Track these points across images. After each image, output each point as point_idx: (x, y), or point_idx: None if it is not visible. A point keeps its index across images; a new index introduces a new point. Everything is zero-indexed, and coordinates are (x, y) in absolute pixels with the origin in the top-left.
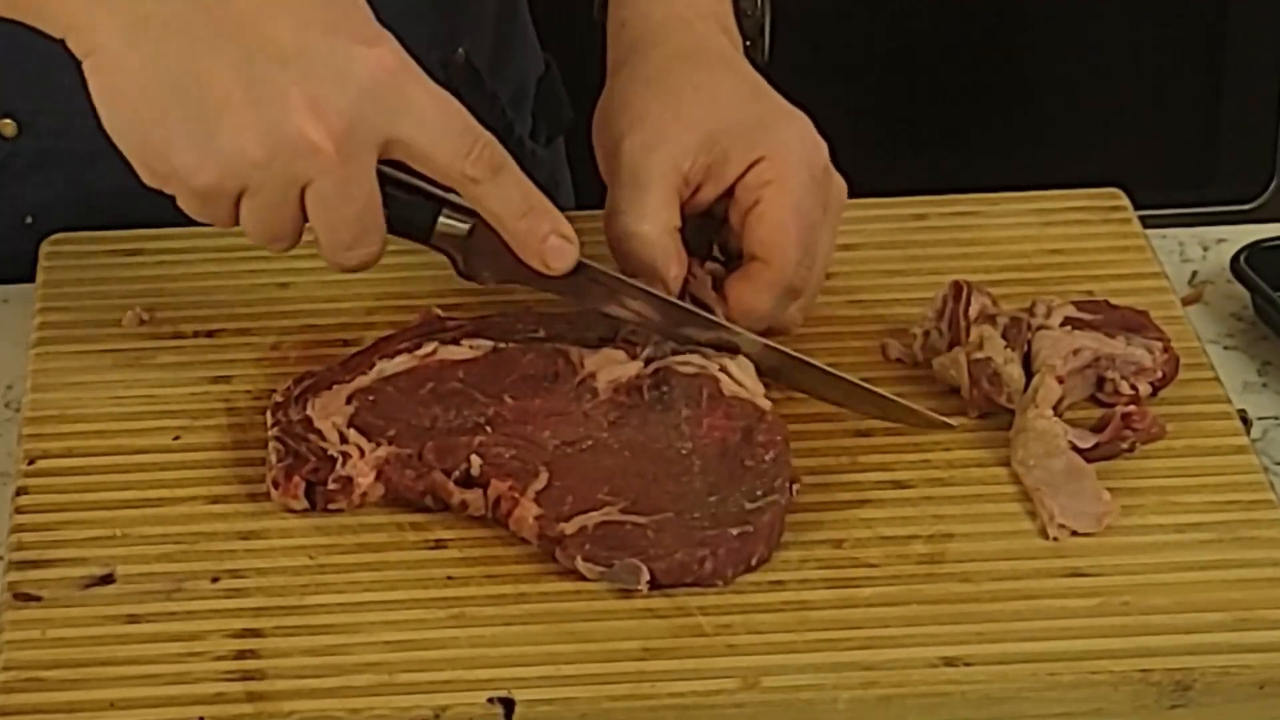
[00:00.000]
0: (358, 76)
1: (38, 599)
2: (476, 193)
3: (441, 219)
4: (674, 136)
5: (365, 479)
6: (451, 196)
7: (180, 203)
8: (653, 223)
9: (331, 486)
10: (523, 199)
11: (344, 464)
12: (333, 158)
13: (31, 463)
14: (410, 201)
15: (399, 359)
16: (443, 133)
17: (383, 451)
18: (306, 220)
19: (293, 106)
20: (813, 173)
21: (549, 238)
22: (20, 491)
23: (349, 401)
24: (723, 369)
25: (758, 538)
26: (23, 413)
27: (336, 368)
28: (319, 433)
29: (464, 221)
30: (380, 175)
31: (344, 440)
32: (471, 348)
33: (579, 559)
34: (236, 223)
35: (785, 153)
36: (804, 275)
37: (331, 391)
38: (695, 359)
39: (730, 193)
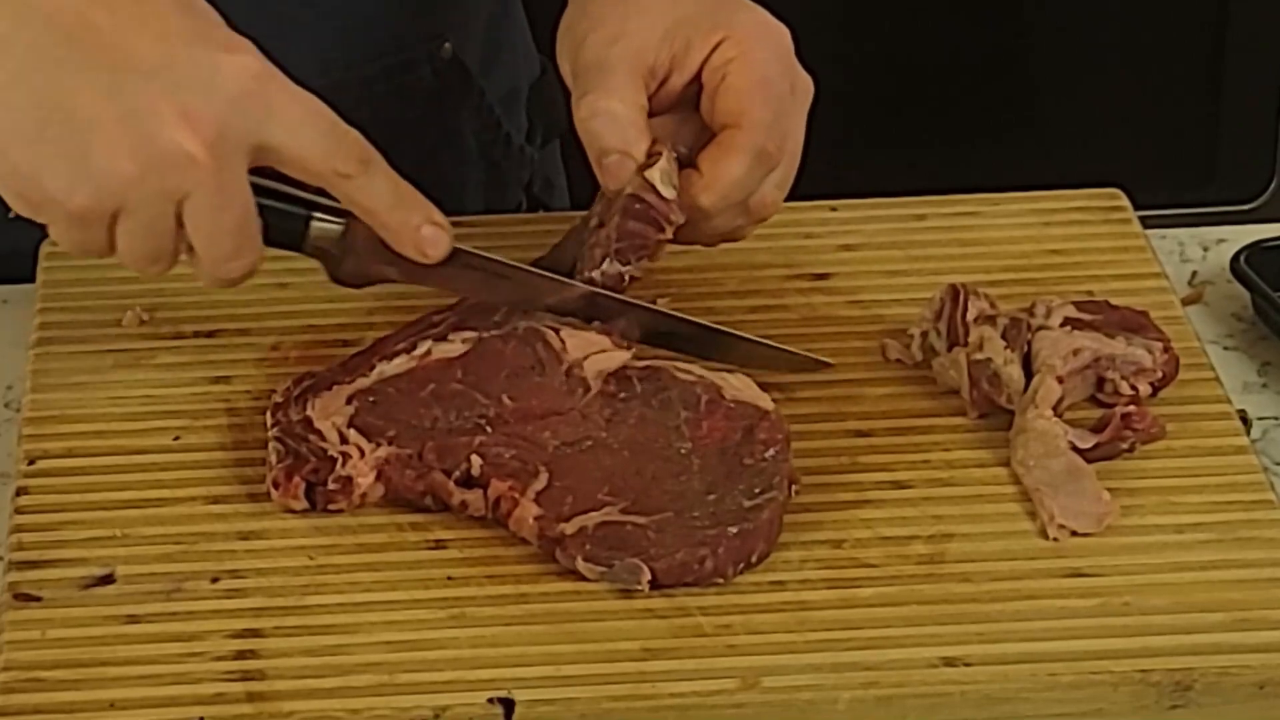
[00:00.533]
0: (224, 84)
1: (38, 599)
2: (348, 188)
3: (314, 223)
4: (635, 30)
5: (365, 479)
6: (321, 200)
7: (53, 232)
8: (620, 99)
9: (331, 487)
10: (393, 191)
11: (344, 464)
12: (208, 167)
13: (31, 463)
14: (282, 209)
15: (398, 360)
16: (311, 133)
17: (383, 452)
18: (183, 238)
19: (164, 120)
20: (776, 51)
21: (422, 227)
22: (20, 491)
23: (349, 402)
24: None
25: (757, 535)
26: (23, 413)
27: (336, 368)
28: (319, 433)
29: (336, 223)
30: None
31: (344, 440)
32: (463, 341)
33: (579, 559)
34: (112, 250)
35: (747, 32)
36: (776, 143)
37: (331, 392)
38: (695, 368)
39: (697, 80)
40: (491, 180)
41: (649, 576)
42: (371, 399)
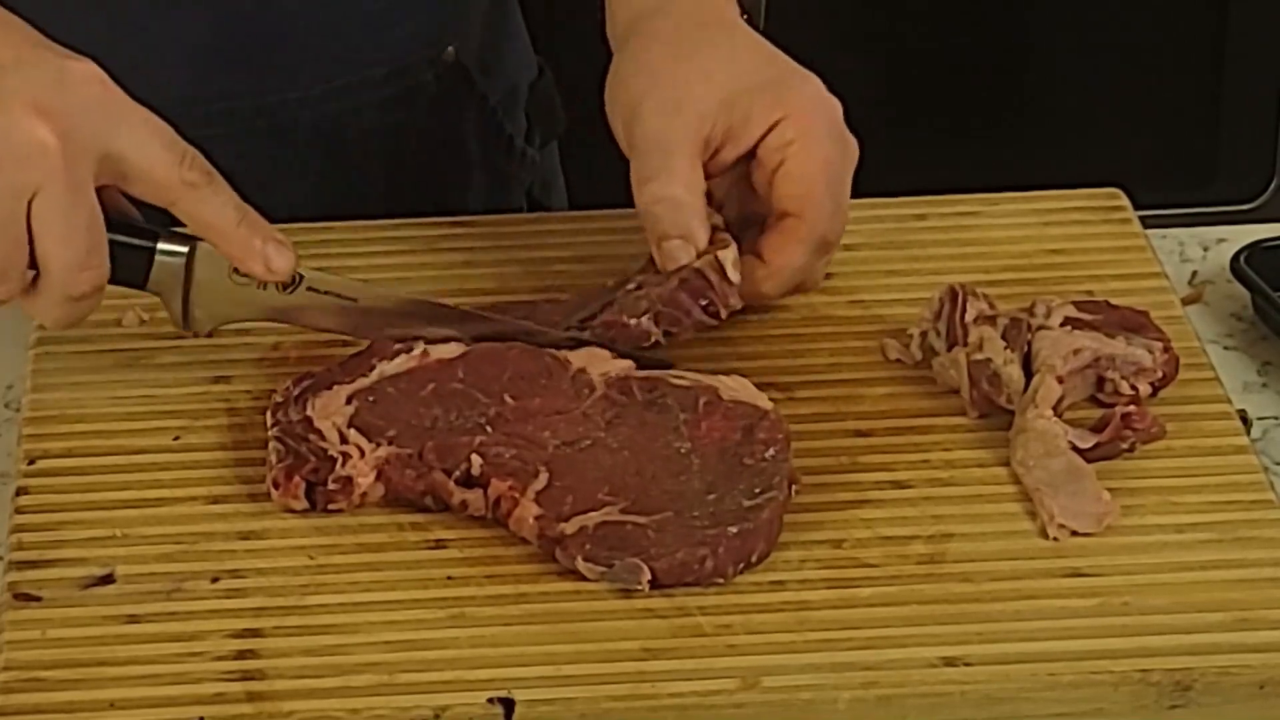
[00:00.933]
0: (73, 85)
1: (38, 599)
2: (193, 200)
3: (160, 245)
4: (695, 98)
5: (365, 479)
6: (163, 230)
7: None
8: (684, 185)
9: (331, 486)
10: (237, 207)
11: (344, 464)
12: (59, 158)
13: (31, 463)
14: (126, 240)
15: (398, 360)
16: (157, 144)
17: (383, 452)
18: (32, 253)
19: (17, 112)
20: (831, 129)
21: (269, 241)
22: (20, 491)
23: (349, 402)
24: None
25: (757, 534)
26: (23, 413)
27: (336, 368)
28: (319, 433)
29: (180, 251)
30: None
31: (344, 440)
32: (460, 343)
33: (579, 559)
34: None
35: (806, 111)
36: (838, 231)
37: (331, 392)
38: (689, 374)
39: (752, 154)
40: (494, 184)
41: (649, 576)
42: (371, 399)
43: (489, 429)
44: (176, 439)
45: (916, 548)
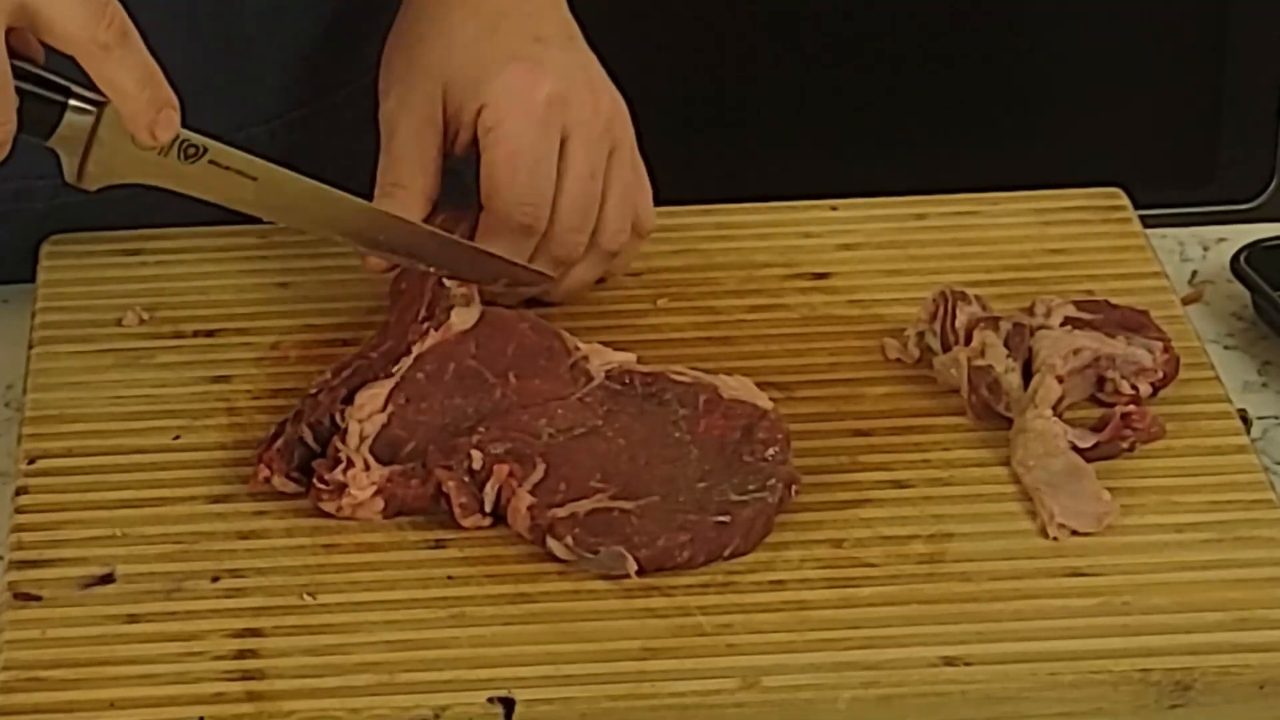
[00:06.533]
0: None
1: (38, 599)
2: (103, 59)
3: (70, 103)
4: (415, 86)
5: (362, 493)
6: (75, 88)
7: None
8: (408, 185)
9: (328, 485)
10: (144, 67)
11: (346, 469)
12: None
13: (31, 463)
14: (38, 91)
15: (428, 338)
16: (74, 2)
17: (386, 471)
18: None
19: None
20: (530, 113)
21: (164, 109)
22: (20, 491)
23: (385, 407)
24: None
25: (734, 530)
26: (23, 413)
27: (376, 357)
28: (342, 430)
29: (89, 110)
30: None
31: (358, 449)
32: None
33: (561, 546)
34: None
35: (500, 98)
36: (532, 214)
37: (373, 388)
38: (689, 371)
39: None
40: (453, 189)
41: (634, 564)
42: (405, 398)
43: (486, 426)
44: (176, 439)
45: (916, 547)
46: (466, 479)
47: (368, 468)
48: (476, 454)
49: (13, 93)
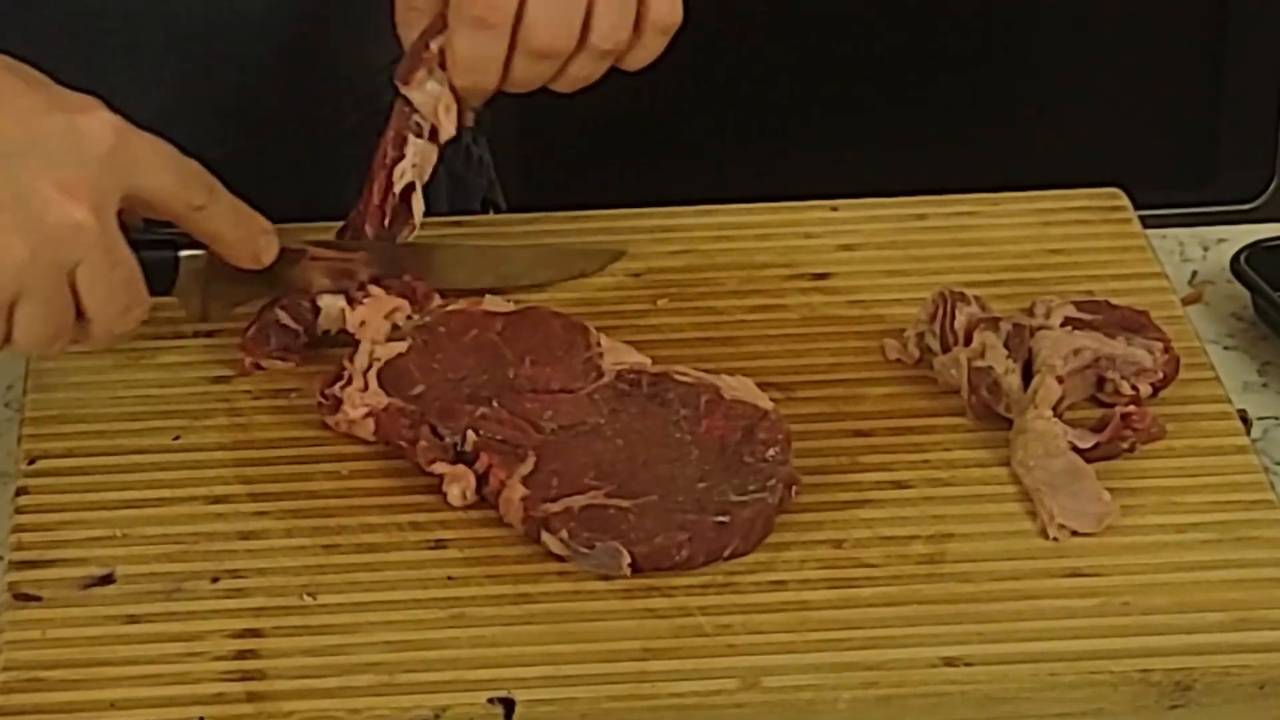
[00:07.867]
0: (91, 147)
1: (38, 599)
2: (200, 220)
3: (181, 255)
4: None
5: (355, 412)
6: (174, 237)
7: None
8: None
9: (327, 399)
10: (234, 211)
11: (345, 384)
12: (94, 230)
13: (31, 463)
14: (155, 254)
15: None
16: (168, 173)
17: (383, 401)
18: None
19: (46, 197)
20: None
21: (260, 236)
22: (20, 491)
23: (406, 339)
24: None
25: (733, 530)
26: (23, 413)
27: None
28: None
29: (197, 250)
30: None
31: (364, 371)
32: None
33: (557, 541)
34: (8, 340)
35: None
36: (493, 8)
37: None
38: (692, 371)
39: None
40: (456, 193)
41: (629, 561)
42: (424, 341)
43: (493, 403)
44: (176, 439)
45: (916, 548)
46: (456, 458)
47: (366, 388)
48: (471, 434)
49: (142, 283)
